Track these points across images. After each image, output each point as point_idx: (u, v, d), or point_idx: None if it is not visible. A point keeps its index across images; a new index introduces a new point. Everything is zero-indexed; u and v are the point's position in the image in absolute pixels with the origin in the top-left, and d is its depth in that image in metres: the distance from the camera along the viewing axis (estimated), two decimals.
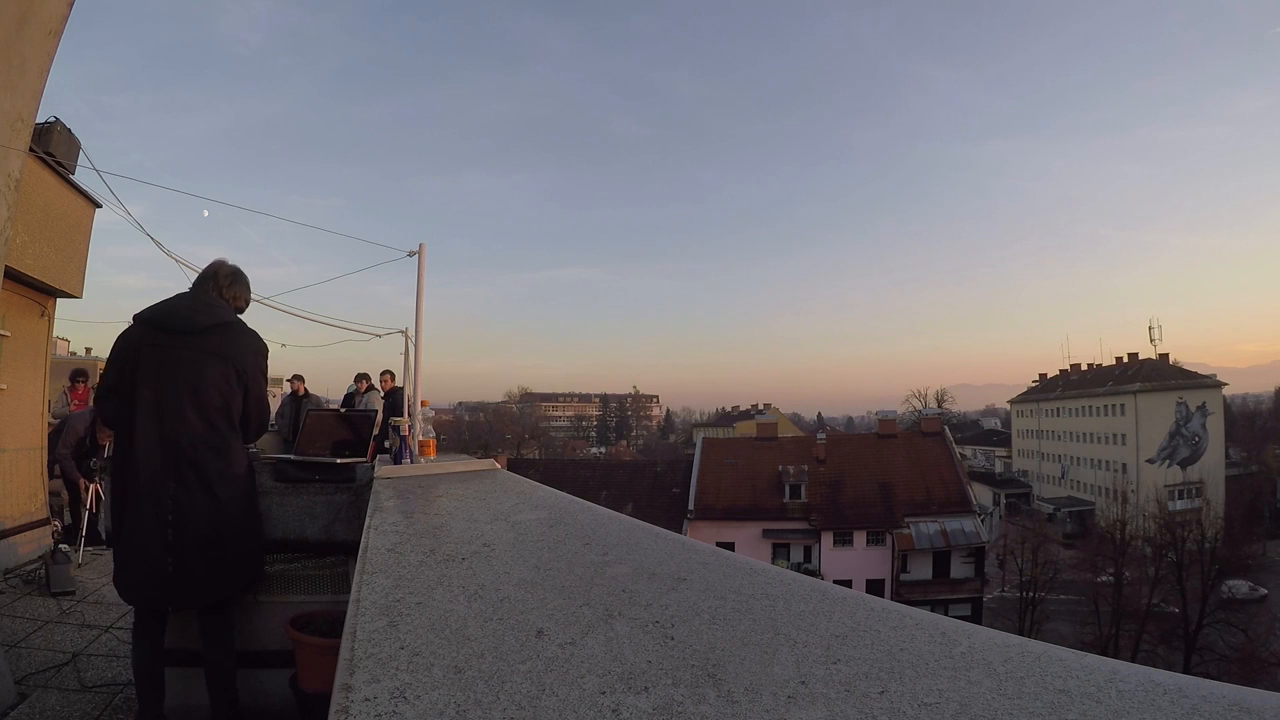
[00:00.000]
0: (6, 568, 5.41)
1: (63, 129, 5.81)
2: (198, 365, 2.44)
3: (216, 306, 2.60)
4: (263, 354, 2.66)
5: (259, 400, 2.61)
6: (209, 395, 2.44)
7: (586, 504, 2.00)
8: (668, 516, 29.52)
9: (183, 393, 2.42)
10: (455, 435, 62.37)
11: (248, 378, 2.54)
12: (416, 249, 3.24)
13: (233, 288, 2.72)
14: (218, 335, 2.51)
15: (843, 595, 1.07)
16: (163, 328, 2.49)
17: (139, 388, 2.43)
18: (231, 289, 2.71)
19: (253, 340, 2.63)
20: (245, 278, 2.80)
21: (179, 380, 2.43)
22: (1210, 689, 0.73)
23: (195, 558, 2.37)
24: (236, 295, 2.73)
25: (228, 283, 2.70)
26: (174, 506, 2.35)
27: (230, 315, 2.62)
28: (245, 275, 2.81)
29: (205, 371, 2.45)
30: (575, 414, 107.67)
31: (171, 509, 2.35)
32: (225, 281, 2.70)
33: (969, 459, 55.59)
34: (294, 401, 10.55)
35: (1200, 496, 36.49)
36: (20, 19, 3.27)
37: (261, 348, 2.66)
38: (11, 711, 2.97)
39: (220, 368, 2.47)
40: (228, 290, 2.69)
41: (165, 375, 2.43)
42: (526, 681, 0.75)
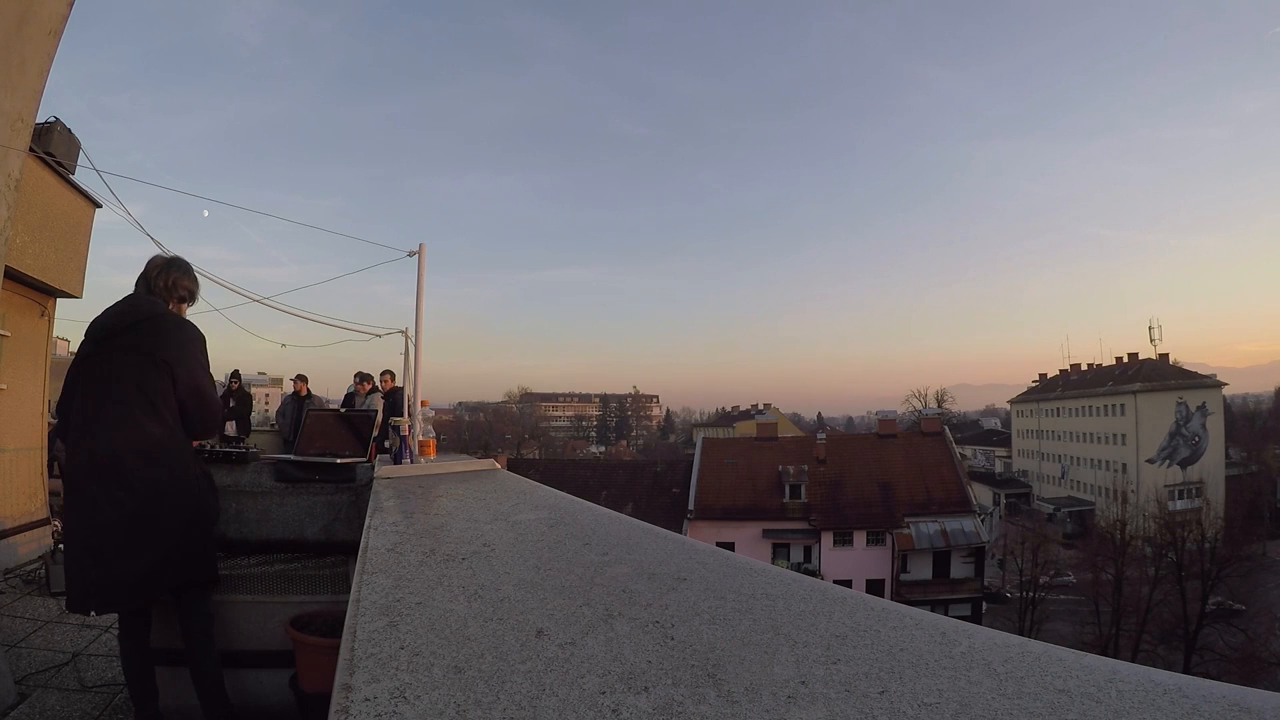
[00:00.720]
0: (6, 568, 5.41)
1: (63, 129, 5.81)
2: (116, 365, 2.41)
3: (139, 303, 2.53)
4: (190, 341, 2.54)
5: (192, 390, 2.49)
6: (129, 394, 2.38)
7: (586, 504, 1.99)
8: (668, 516, 29.51)
9: (104, 396, 2.39)
10: (455, 435, 62.36)
11: (174, 368, 2.44)
12: (416, 249, 3.24)
13: (164, 276, 2.63)
14: (136, 331, 2.45)
15: (843, 595, 1.07)
16: (90, 336, 2.49)
17: (74, 399, 2.46)
18: (163, 277, 2.62)
19: (178, 329, 2.53)
20: (182, 264, 2.71)
21: (100, 384, 2.41)
22: (1210, 689, 0.72)
23: (113, 560, 2.31)
24: (173, 283, 2.64)
25: (157, 273, 2.63)
26: (94, 510, 2.33)
27: (155, 309, 2.53)
28: (182, 262, 2.72)
29: (124, 370, 2.40)
30: (575, 414, 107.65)
31: (91, 512, 2.34)
32: (154, 273, 2.63)
33: (969, 459, 55.59)
34: (295, 402, 10.55)
35: (1200, 496, 36.48)
36: (20, 19, 3.27)
37: (189, 335, 2.55)
38: (11, 711, 2.97)
39: (139, 363, 2.40)
40: (159, 280, 2.61)
41: (89, 382, 2.43)
42: (526, 681, 0.75)
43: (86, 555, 2.35)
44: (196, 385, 2.51)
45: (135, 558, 2.34)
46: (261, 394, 47.84)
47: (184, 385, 2.47)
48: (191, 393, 2.49)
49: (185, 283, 2.69)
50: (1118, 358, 55.34)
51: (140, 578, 2.36)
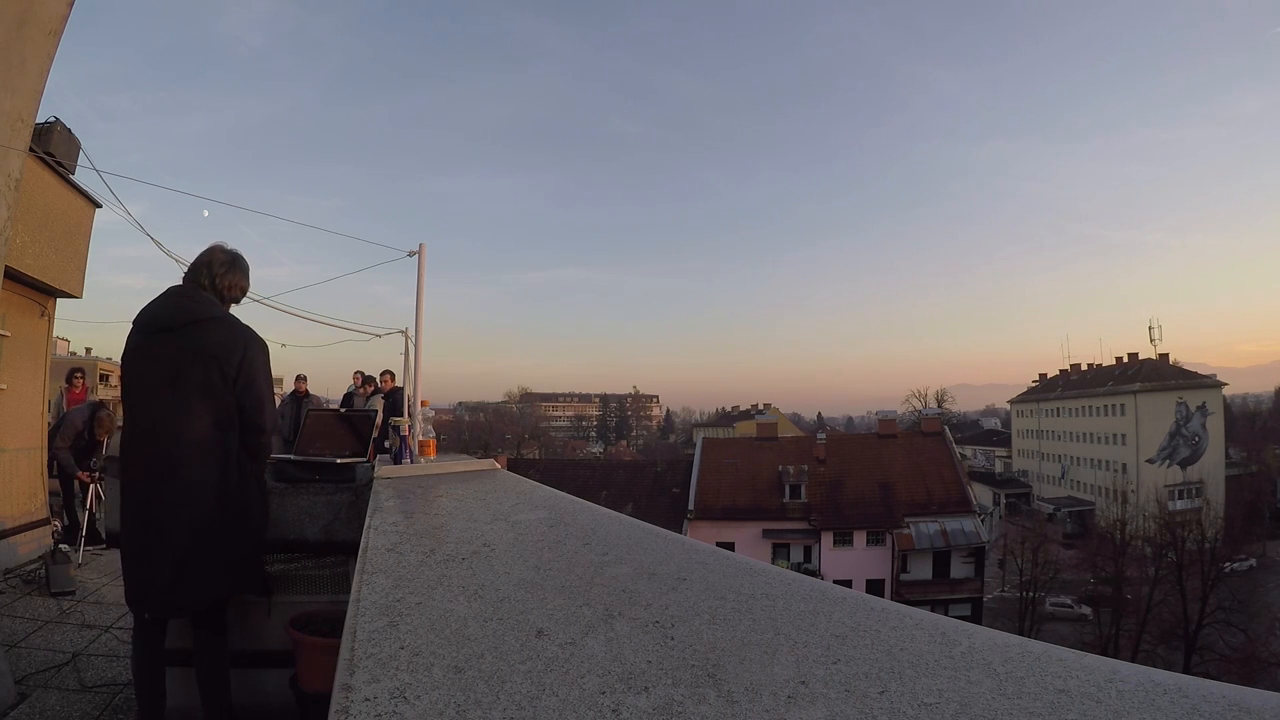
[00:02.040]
0: (6, 568, 5.41)
1: (63, 129, 5.81)
2: (175, 364, 2.32)
3: (200, 301, 2.43)
4: (254, 348, 2.45)
5: (254, 399, 2.41)
6: (188, 396, 2.31)
7: (586, 504, 1.99)
8: (668, 516, 29.50)
9: (161, 395, 2.32)
10: (455, 435, 62.35)
11: (237, 374, 2.36)
12: (416, 249, 3.24)
13: (228, 276, 2.53)
14: (198, 331, 2.36)
15: (843, 595, 1.07)
16: (144, 329, 2.40)
17: (127, 394, 2.41)
18: (227, 278, 2.53)
19: (240, 334, 2.43)
20: (244, 264, 2.62)
21: (156, 382, 2.33)
22: (1210, 689, 0.72)
23: (165, 566, 2.27)
24: (232, 284, 2.55)
25: (222, 271, 2.52)
26: (152, 513, 2.28)
27: (216, 310, 2.45)
28: (244, 261, 2.63)
29: (184, 370, 2.32)
30: (575, 414, 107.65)
31: (146, 514, 2.29)
32: (220, 270, 2.52)
33: (969, 459, 55.58)
34: (295, 401, 10.56)
35: (1200, 496, 36.49)
36: (20, 19, 3.27)
37: (253, 341, 2.46)
38: (11, 711, 2.97)
39: (200, 365, 2.32)
40: (223, 279, 2.52)
41: (147, 378, 2.37)
42: (526, 681, 0.75)
43: (138, 555, 2.31)
44: (258, 395, 2.43)
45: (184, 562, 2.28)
46: None
47: (248, 393, 2.40)
48: (252, 401, 2.42)
49: (243, 284, 2.61)
50: (1118, 358, 55.37)
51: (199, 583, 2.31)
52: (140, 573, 2.31)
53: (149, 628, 2.48)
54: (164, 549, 2.27)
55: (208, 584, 2.35)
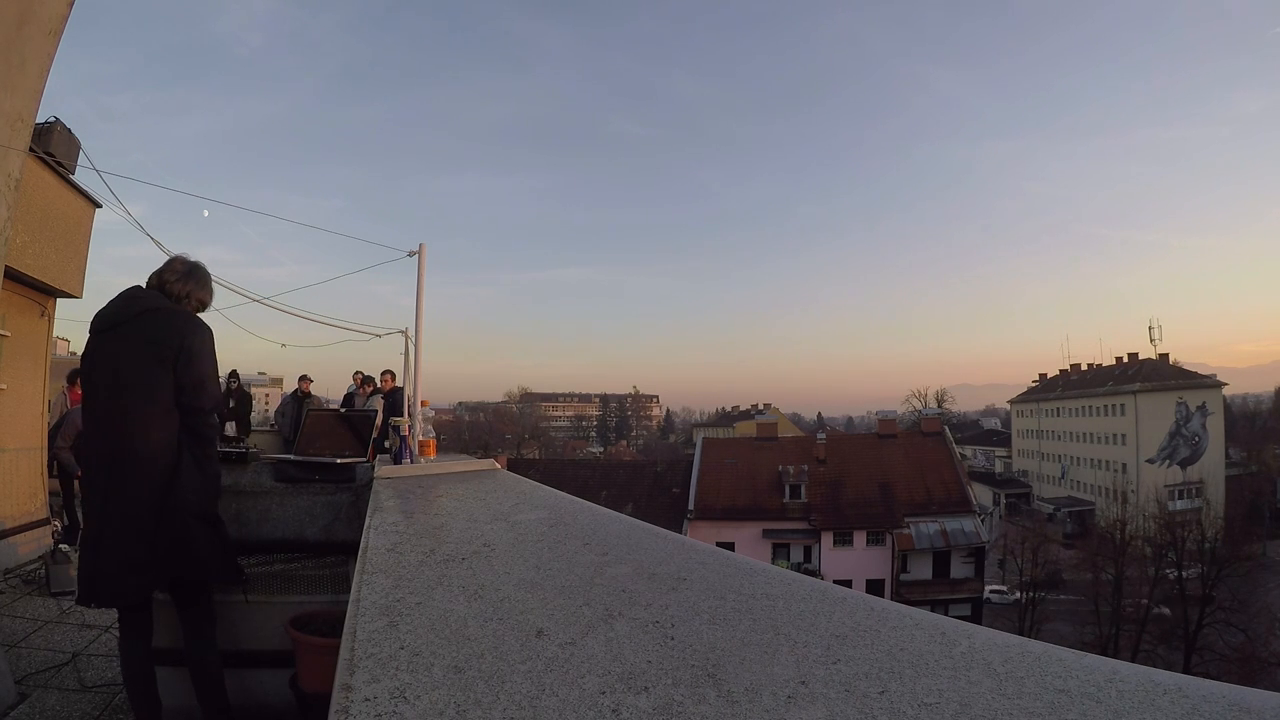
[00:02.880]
0: (6, 568, 5.41)
1: (63, 129, 5.81)
2: (120, 356, 2.39)
3: (144, 297, 2.49)
4: (191, 331, 2.46)
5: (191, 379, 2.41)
6: (134, 386, 2.36)
7: (586, 504, 2.00)
8: (668, 516, 29.52)
9: (110, 387, 2.38)
10: (455, 435, 62.34)
11: (175, 357, 2.38)
12: (416, 249, 3.24)
13: (182, 284, 2.55)
14: (140, 322, 2.41)
15: (843, 595, 1.07)
16: (95, 328, 2.47)
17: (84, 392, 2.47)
18: (180, 285, 2.55)
19: (178, 319, 2.46)
20: (203, 273, 2.63)
21: (105, 375, 2.40)
22: (1210, 689, 0.72)
23: (112, 553, 2.30)
24: (187, 294, 2.56)
25: (175, 278, 2.55)
26: (103, 501, 2.33)
27: (159, 302, 2.48)
28: (203, 271, 2.64)
29: (129, 361, 2.37)
30: (575, 414, 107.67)
31: (101, 504, 2.34)
32: (171, 277, 2.55)
33: (969, 459, 55.61)
34: (295, 402, 10.56)
35: (1200, 496, 36.52)
36: (20, 19, 3.27)
37: (195, 327, 2.48)
38: (11, 711, 2.97)
39: (144, 353, 2.37)
40: (173, 286, 2.54)
41: (96, 374, 2.43)
42: (526, 681, 0.75)
43: (91, 546, 2.34)
44: (199, 376, 2.44)
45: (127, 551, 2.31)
46: (261, 394, 47.82)
47: (185, 374, 2.41)
48: (192, 382, 2.42)
49: (200, 295, 2.62)
50: (1118, 358, 55.41)
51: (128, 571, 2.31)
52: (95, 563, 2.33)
53: (133, 620, 2.48)
54: (114, 539, 2.31)
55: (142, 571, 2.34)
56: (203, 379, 2.47)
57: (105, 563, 2.31)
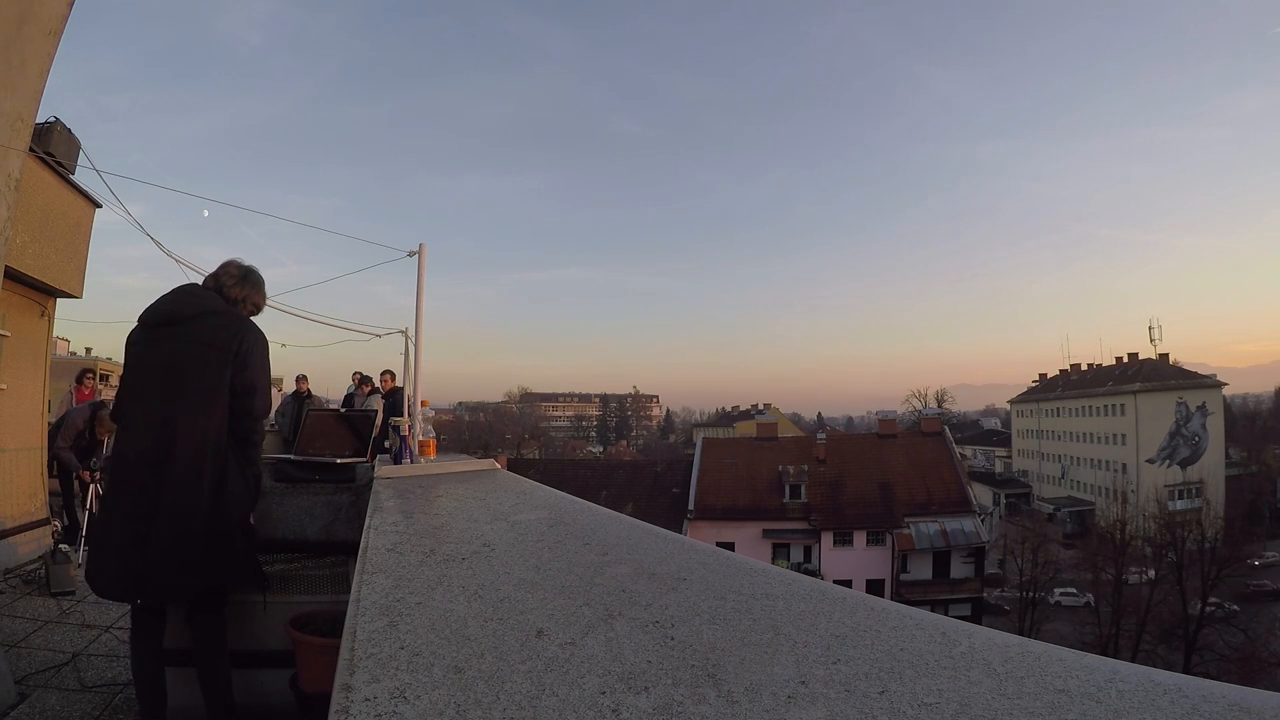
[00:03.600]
0: (6, 568, 5.41)
1: (63, 129, 5.81)
2: (178, 355, 2.39)
3: (204, 297, 2.52)
4: (254, 339, 2.51)
5: (245, 384, 2.46)
6: (190, 385, 2.36)
7: (586, 504, 2.00)
8: (668, 516, 29.51)
9: (163, 384, 2.37)
10: (455, 435, 62.36)
11: (236, 364, 2.42)
12: (416, 249, 3.24)
13: (239, 287, 2.63)
14: (199, 323, 2.43)
15: (843, 595, 1.07)
16: (149, 323, 2.47)
17: (130, 385, 2.45)
18: (238, 289, 2.62)
19: (241, 326, 2.51)
20: (258, 278, 2.70)
21: (160, 372, 2.39)
22: (1210, 689, 0.73)
23: (163, 551, 2.27)
24: (245, 298, 2.63)
25: (230, 281, 2.62)
26: (148, 499, 2.30)
27: (218, 304, 2.53)
28: (258, 275, 2.71)
29: (186, 361, 2.38)
30: (575, 414, 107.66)
31: (145, 501, 2.30)
32: (228, 281, 2.62)
33: (969, 459, 55.61)
34: (295, 402, 10.56)
35: (1200, 496, 36.47)
36: (20, 19, 3.27)
37: (253, 333, 2.53)
38: (11, 711, 2.97)
39: (202, 355, 2.38)
40: (232, 289, 2.61)
41: (148, 369, 2.42)
42: (526, 681, 0.75)
43: (134, 544, 2.30)
44: (254, 383, 2.48)
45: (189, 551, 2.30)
46: None
47: (239, 378, 2.44)
48: (245, 387, 2.46)
49: (256, 298, 2.69)
50: (1118, 358, 55.41)
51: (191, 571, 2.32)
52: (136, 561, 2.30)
53: (147, 621, 2.48)
54: (164, 538, 2.28)
55: (204, 572, 2.36)
56: (255, 384, 2.50)
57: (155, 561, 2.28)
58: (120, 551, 2.32)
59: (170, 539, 2.29)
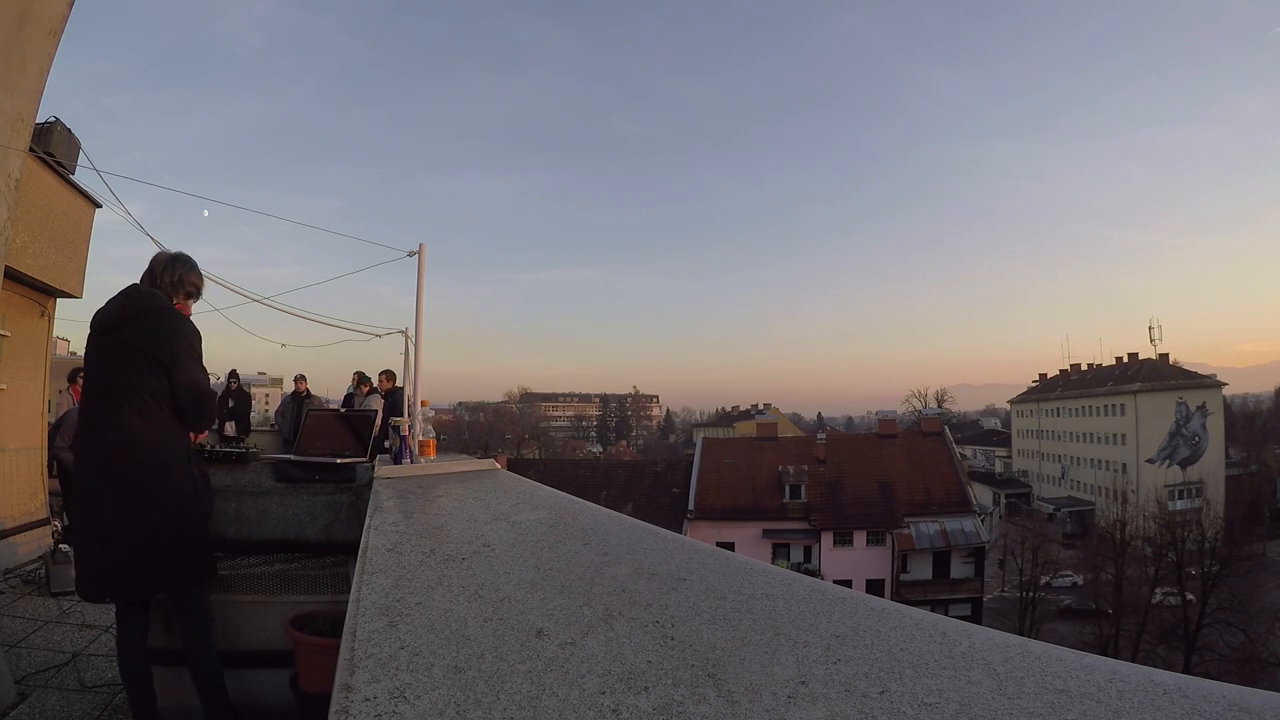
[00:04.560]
0: (6, 568, 5.41)
1: (63, 129, 5.81)
2: (116, 359, 2.45)
3: (138, 297, 2.55)
4: (185, 336, 2.55)
5: (187, 386, 2.50)
6: (128, 388, 2.42)
7: (586, 504, 1.99)
8: (668, 516, 29.49)
9: (105, 389, 2.45)
10: (455, 435, 62.36)
11: (170, 363, 2.46)
12: (416, 249, 3.24)
13: (170, 271, 2.65)
14: (134, 325, 2.48)
15: (843, 595, 1.07)
16: (93, 329, 2.54)
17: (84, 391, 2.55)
18: (169, 273, 2.64)
19: (174, 323, 2.54)
20: (187, 259, 2.73)
21: (102, 377, 2.48)
22: (1210, 689, 0.72)
23: (116, 552, 2.37)
24: (179, 279, 2.66)
25: (162, 268, 2.65)
26: (97, 502, 2.39)
27: (156, 303, 2.55)
28: (187, 257, 2.74)
29: (124, 365, 2.43)
30: (575, 414, 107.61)
31: (95, 504, 2.40)
32: (160, 268, 2.65)
33: (969, 459, 55.60)
34: (295, 402, 10.55)
35: (1200, 496, 36.46)
36: (20, 19, 3.27)
37: (185, 329, 2.57)
38: (11, 711, 2.97)
39: (137, 358, 2.43)
40: (164, 276, 2.63)
41: (93, 375, 2.51)
42: (526, 681, 0.75)
43: (95, 546, 2.41)
44: (191, 381, 2.53)
45: (132, 549, 2.38)
46: (261, 394, 47.85)
47: (179, 382, 2.49)
48: (186, 389, 2.52)
49: (191, 278, 2.71)
50: (1118, 358, 55.38)
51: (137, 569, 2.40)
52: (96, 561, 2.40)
53: (131, 620, 2.54)
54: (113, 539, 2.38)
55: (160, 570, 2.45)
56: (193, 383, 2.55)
57: (114, 561, 2.38)
58: (86, 554, 2.43)
59: (126, 541, 2.38)
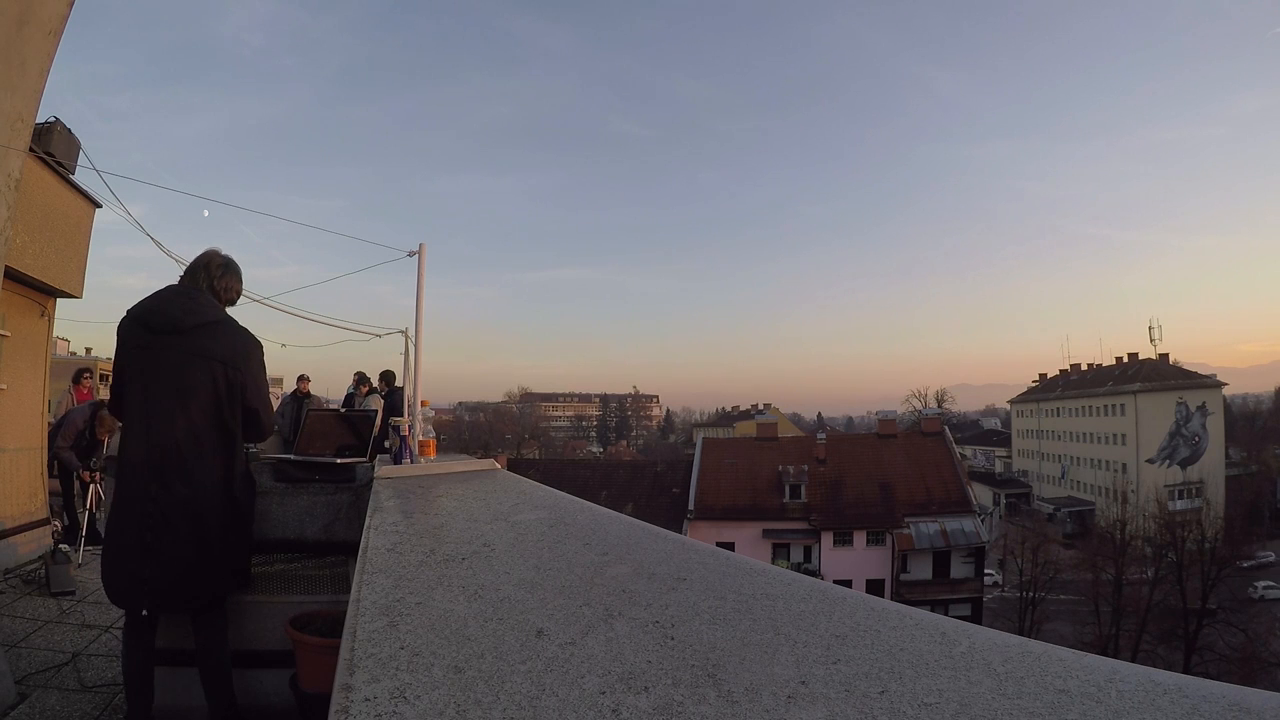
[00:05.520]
0: (6, 568, 5.41)
1: (63, 129, 5.81)
2: (184, 366, 2.40)
3: (204, 304, 2.54)
4: (256, 351, 2.58)
5: (257, 399, 2.54)
6: (196, 397, 2.39)
7: (586, 504, 1.99)
8: (668, 516, 29.50)
9: (169, 395, 2.39)
10: (455, 435, 62.36)
11: (242, 376, 2.48)
12: (416, 249, 3.24)
13: (224, 278, 2.66)
14: (205, 334, 2.45)
15: (843, 595, 1.07)
16: (149, 327, 2.45)
17: (129, 389, 2.46)
18: (223, 280, 2.65)
19: (244, 338, 2.56)
20: (237, 268, 2.74)
21: (164, 382, 2.40)
22: (1210, 689, 0.72)
23: (172, 562, 2.33)
24: (228, 287, 2.67)
25: (219, 273, 2.65)
26: (155, 509, 2.33)
27: (219, 313, 2.56)
28: (237, 266, 2.75)
29: (193, 372, 2.40)
30: (575, 414, 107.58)
31: (152, 511, 2.33)
32: (217, 273, 2.65)
33: (969, 459, 55.63)
34: (295, 401, 10.54)
35: (1200, 496, 36.52)
36: (20, 19, 3.27)
37: (254, 344, 2.59)
38: (11, 711, 2.97)
39: (208, 368, 2.41)
40: (219, 281, 2.64)
41: (151, 377, 2.42)
42: (526, 681, 0.75)
43: (134, 550, 2.34)
44: (260, 395, 2.56)
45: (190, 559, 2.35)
46: None
47: (251, 394, 2.52)
48: (256, 402, 2.54)
49: (238, 287, 2.74)
50: (1118, 358, 55.40)
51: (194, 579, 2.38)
52: (144, 569, 2.35)
53: (142, 624, 2.51)
54: (173, 547, 2.34)
55: (212, 581, 2.45)
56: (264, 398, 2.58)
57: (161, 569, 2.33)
58: (130, 560, 2.37)
59: (180, 551, 2.34)
